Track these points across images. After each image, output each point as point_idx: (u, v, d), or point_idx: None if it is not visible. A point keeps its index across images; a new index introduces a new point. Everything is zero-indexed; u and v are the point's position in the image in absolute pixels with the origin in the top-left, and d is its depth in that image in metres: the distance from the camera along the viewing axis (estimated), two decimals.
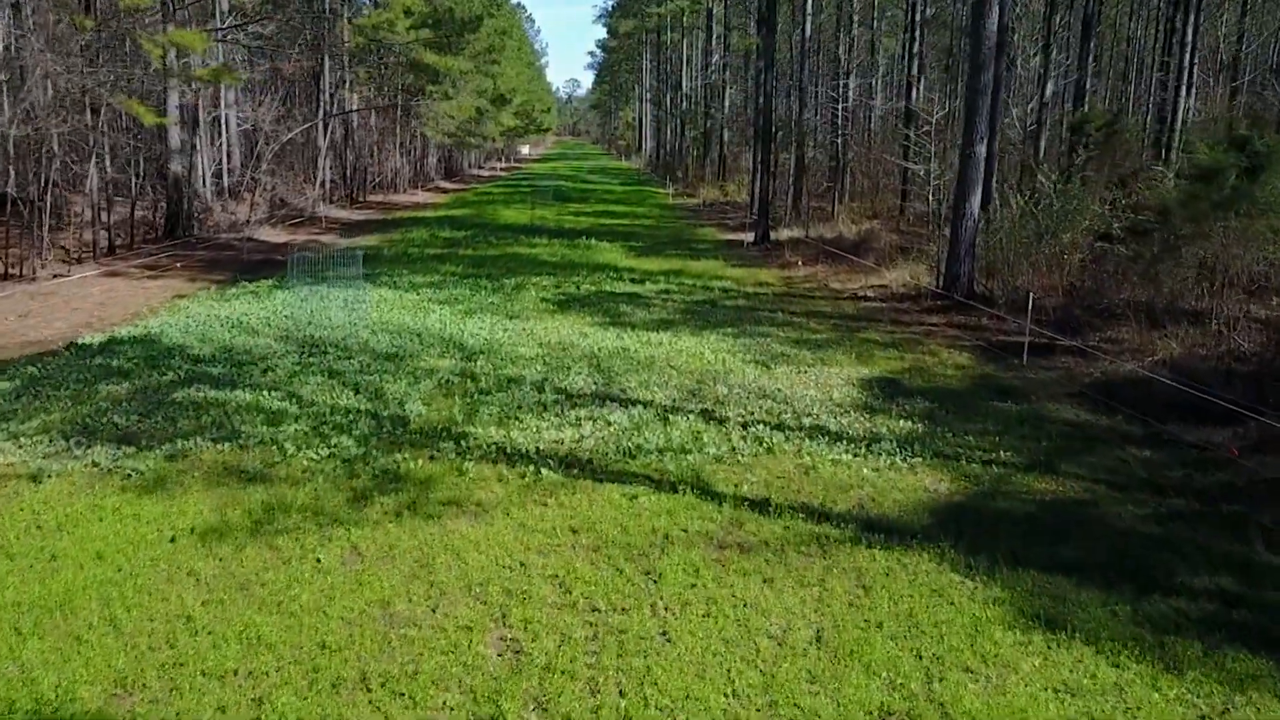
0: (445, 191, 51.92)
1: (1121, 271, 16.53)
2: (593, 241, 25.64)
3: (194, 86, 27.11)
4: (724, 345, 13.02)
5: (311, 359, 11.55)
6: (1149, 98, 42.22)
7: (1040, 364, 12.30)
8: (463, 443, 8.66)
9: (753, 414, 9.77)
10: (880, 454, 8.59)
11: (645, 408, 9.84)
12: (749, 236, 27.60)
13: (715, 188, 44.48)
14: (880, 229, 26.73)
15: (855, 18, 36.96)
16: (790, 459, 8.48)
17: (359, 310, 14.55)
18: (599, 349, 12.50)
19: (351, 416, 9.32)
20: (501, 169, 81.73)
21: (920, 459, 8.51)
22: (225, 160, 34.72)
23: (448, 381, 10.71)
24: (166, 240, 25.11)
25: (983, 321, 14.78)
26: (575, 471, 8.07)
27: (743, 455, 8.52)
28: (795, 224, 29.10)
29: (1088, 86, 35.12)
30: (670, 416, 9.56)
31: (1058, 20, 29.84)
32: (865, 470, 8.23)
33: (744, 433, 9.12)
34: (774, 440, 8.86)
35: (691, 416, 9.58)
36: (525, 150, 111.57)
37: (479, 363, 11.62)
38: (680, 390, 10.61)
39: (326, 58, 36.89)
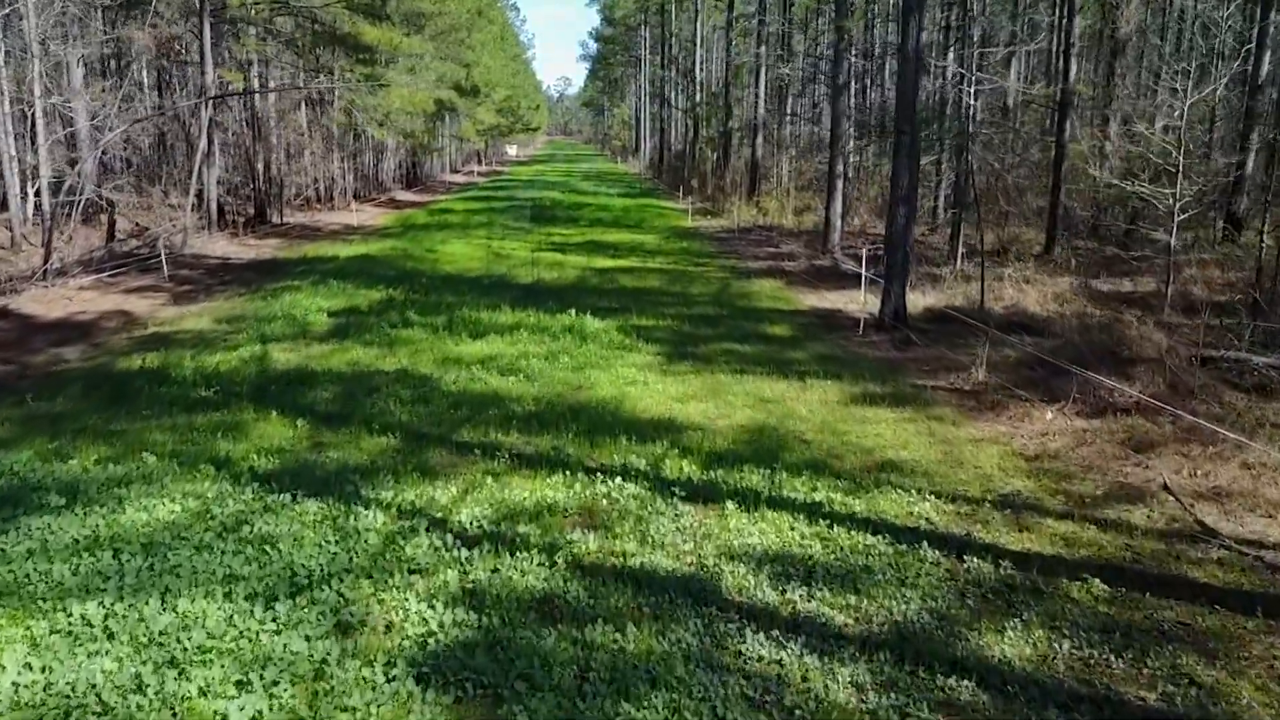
0: (398, 206, 40.41)
1: None
2: (585, 320, 14.40)
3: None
4: None
5: None
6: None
7: None
8: None
9: None
10: None
11: None
12: (848, 301, 16.36)
13: (749, 205, 33.19)
14: (1088, 305, 15.59)
15: None
16: None
17: None
18: None
19: None
20: (480, 173, 70.25)
21: None
22: (47, 169, 23.34)
23: None
24: None
25: None
26: None
27: None
28: (924, 280, 17.86)
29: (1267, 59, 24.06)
30: None
31: None
32: None
33: None
34: None
35: None
36: (512, 151, 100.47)
37: None
38: None
39: (206, 21, 25.54)
